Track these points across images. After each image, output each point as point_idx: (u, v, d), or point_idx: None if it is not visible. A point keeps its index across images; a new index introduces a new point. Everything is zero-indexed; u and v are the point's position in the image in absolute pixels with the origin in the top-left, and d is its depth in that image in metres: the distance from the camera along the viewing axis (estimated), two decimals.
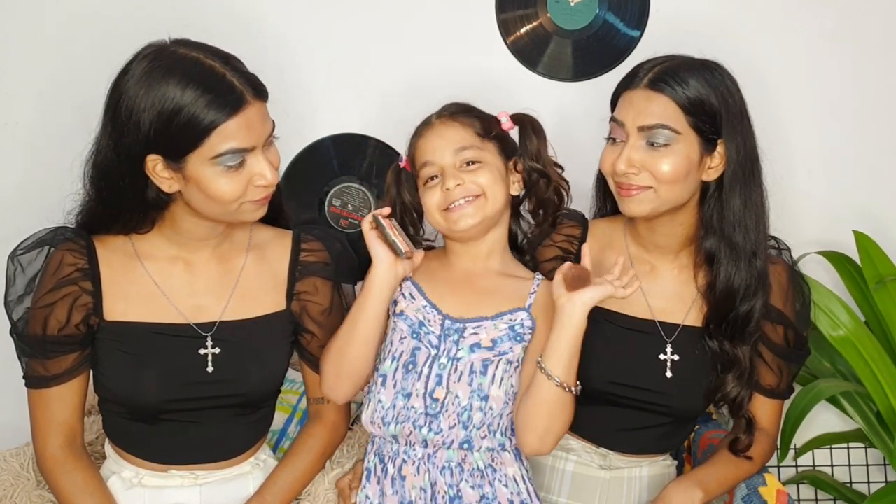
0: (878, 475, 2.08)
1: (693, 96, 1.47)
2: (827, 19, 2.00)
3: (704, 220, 1.53)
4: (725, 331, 1.54)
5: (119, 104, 1.35)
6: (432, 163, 1.49)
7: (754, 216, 1.52)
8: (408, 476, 1.48)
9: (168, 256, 1.49)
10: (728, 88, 1.50)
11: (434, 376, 1.47)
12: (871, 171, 2.04)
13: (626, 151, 1.48)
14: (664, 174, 1.47)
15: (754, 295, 1.52)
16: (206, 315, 1.49)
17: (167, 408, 1.46)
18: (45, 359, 1.44)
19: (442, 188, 1.47)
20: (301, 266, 1.54)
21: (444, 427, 1.46)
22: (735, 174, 1.50)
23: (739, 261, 1.51)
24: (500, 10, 2.01)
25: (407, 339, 1.50)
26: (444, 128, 1.50)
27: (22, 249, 1.46)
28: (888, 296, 1.88)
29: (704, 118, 1.47)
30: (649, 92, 1.48)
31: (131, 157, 1.36)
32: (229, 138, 1.34)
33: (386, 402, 1.48)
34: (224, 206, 1.40)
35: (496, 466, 1.50)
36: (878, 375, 1.84)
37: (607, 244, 1.63)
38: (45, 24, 1.97)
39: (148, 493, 1.50)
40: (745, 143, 1.50)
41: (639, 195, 1.49)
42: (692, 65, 1.51)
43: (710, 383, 1.57)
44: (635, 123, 1.48)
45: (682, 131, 1.47)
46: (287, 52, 2.00)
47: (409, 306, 1.51)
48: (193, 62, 1.35)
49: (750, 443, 1.56)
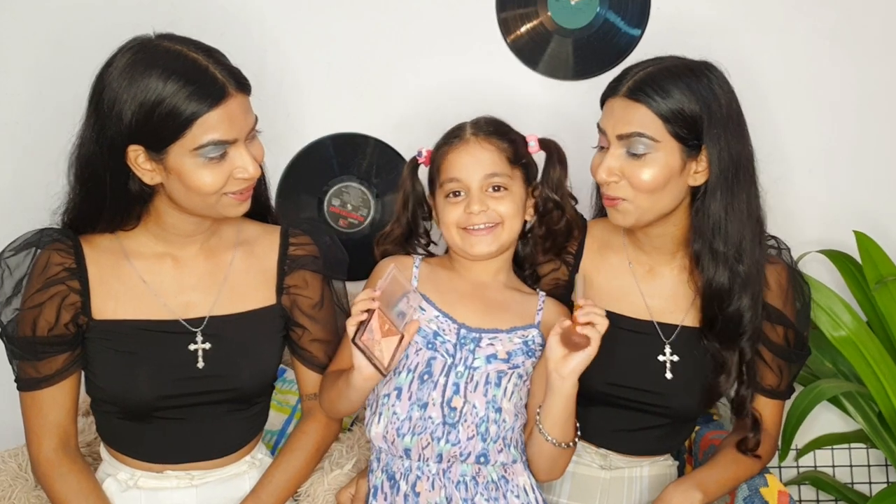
0: (880, 476, 2.08)
1: (673, 106, 1.45)
2: (827, 19, 2.00)
3: (692, 222, 1.52)
4: (717, 333, 1.54)
5: (102, 96, 1.36)
6: (459, 180, 1.49)
7: (737, 222, 1.49)
8: (422, 492, 1.46)
9: (156, 253, 1.49)
10: (714, 93, 1.47)
11: (451, 385, 1.46)
12: (871, 171, 2.04)
13: (606, 160, 1.48)
14: (643, 183, 1.46)
15: (738, 297, 1.51)
16: (196, 311, 1.49)
17: (160, 405, 1.46)
18: (36, 360, 1.44)
19: (465, 209, 1.48)
20: (290, 260, 1.54)
21: (463, 438, 1.45)
22: (717, 180, 1.47)
23: (718, 265, 1.50)
24: (500, 9, 2.01)
25: (422, 351, 1.48)
26: (479, 149, 1.49)
27: (9, 252, 1.46)
28: (889, 296, 1.88)
29: (684, 126, 1.45)
30: (628, 101, 1.47)
31: (113, 148, 1.36)
32: (211, 130, 1.35)
33: (401, 413, 1.46)
34: (204, 199, 1.39)
35: (508, 477, 1.49)
36: (880, 375, 1.84)
37: (606, 245, 1.63)
38: (44, 24, 1.97)
39: (144, 495, 1.49)
40: (731, 148, 1.47)
41: (622, 205, 1.49)
42: (677, 70, 1.48)
43: (705, 384, 1.57)
44: (614, 132, 1.48)
45: (661, 139, 1.45)
46: (287, 52, 2.00)
47: (422, 318, 1.49)
48: (176, 55, 1.36)
49: (758, 441, 1.56)
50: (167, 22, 1.50)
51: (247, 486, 1.54)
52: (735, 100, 1.51)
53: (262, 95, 1.48)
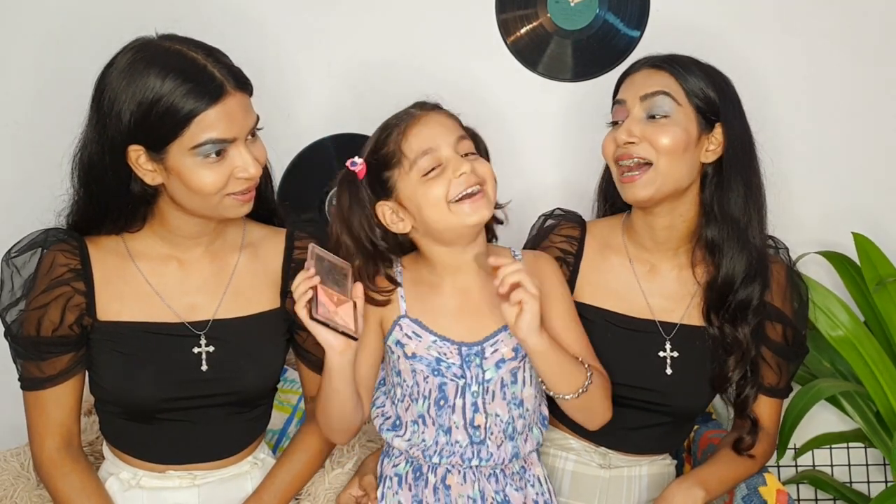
0: (878, 475, 2.08)
1: (693, 81, 1.51)
2: (827, 19, 2.00)
3: (705, 207, 1.54)
4: (725, 315, 1.55)
5: (103, 96, 1.36)
6: (434, 150, 1.38)
7: (755, 202, 1.54)
8: (453, 485, 1.46)
9: (161, 255, 1.49)
10: (726, 81, 1.55)
11: (469, 405, 1.45)
12: (871, 171, 2.04)
13: (627, 123, 1.52)
14: (664, 146, 1.49)
15: (753, 280, 1.53)
16: (200, 313, 1.49)
17: (163, 407, 1.46)
18: (40, 360, 1.44)
19: (454, 175, 1.37)
20: (295, 264, 1.54)
21: (493, 450, 1.45)
22: (736, 156, 1.52)
23: (743, 246, 1.52)
24: (500, 11, 2.01)
25: (430, 378, 1.45)
26: (439, 116, 1.43)
27: (15, 252, 1.46)
28: (888, 296, 1.88)
29: (703, 101, 1.51)
30: (651, 70, 1.53)
31: (114, 148, 1.36)
32: (209, 128, 1.34)
33: (429, 439, 1.46)
34: (205, 199, 1.39)
35: (527, 467, 1.51)
36: (878, 375, 1.84)
37: (606, 245, 1.63)
38: (44, 24, 1.97)
39: (146, 495, 1.50)
40: (744, 129, 1.54)
41: (640, 178, 1.50)
42: (692, 60, 1.55)
43: (712, 373, 1.57)
44: (637, 94, 1.52)
45: (682, 103, 1.50)
46: (287, 52, 2.00)
47: (419, 345, 1.45)
48: (175, 54, 1.36)
49: (753, 442, 1.57)
50: (168, 21, 1.51)
51: (249, 486, 1.54)
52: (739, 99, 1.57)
53: (262, 95, 1.48)
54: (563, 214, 1.67)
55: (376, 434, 1.66)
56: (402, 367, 1.47)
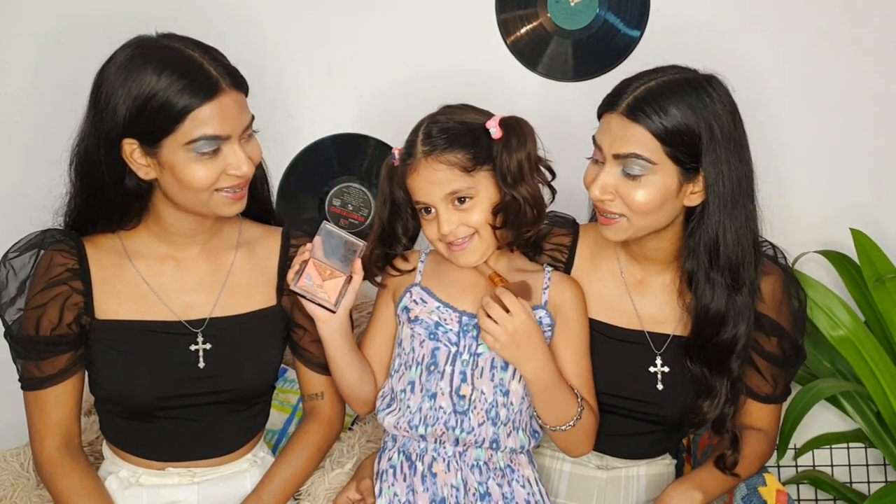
0: (879, 475, 2.08)
1: (671, 126, 1.40)
2: (827, 19, 2.00)
3: (686, 243, 1.49)
4: (706, 357, 1.51)
5: (100, 90, 1.38)
6: (424, 202, 1.46)
7: (734, 245, 1.45)
8: (439, 473, 1.49)
9: (157, 254, 1.50)
10: (715, 112, 1.42)
11: (458, 374, 1.48)
12: (871, 170, 2.04)
13: (601, 177, 1.44)
14: (638, 204, 1.43)
15: (734, 325, 1.48)
16: (197, 312, 1.50)
17: (161, 405, 1.47)
18: (39, 360, 1.45)
19: (439, 228, 1.45)
20: (291, 261, 1.54)
21: (475, 424, 1.47)
22: (714, 205, 1.44)
23: (715, 290, 1.47)
24: (500, 10, 2.01)
25: (426, 342, 1.50)
26: (431, 171, 1.44)
27: (13, 252, 1.47)
28: (887, 295, 1.88)
29: (682, 148, 1.41)
30: (625, 120, 1.41)
31: (109, 142, 1.38)
32: (203, 124, 1.35)
33: (413, 406, 1.48)
34: (195, 195, 1.40)
35: (514, 467, 1.52)
36: (878, 375, 1.84)
37: (598, 252, 1.60)
38: (44, 24, 1.97)
39: (146, 493, 1.50)
40: (730, 170, 1.42)
41: (615, 224, 1.46)
42: (678, 87, 1.42)
43: (689, 403, 1.54)
44: (611, 150, 1.43)
45: (659, 161, 1.41)
46: (287, 52, 2.00)
47: (423, 310, 1.51)
48: (173, 51, 1.38)
49: (735, 460, 1.52)
50: (168, 20, 1.52)
51: (248, 483, 1.54)
52: (737, 116, 1.46)
53: (262, 95, 1.49)
54: (555, 220, 1.65)
55: (376, 434, 1.66)
56: (403, 335, 1.53)
